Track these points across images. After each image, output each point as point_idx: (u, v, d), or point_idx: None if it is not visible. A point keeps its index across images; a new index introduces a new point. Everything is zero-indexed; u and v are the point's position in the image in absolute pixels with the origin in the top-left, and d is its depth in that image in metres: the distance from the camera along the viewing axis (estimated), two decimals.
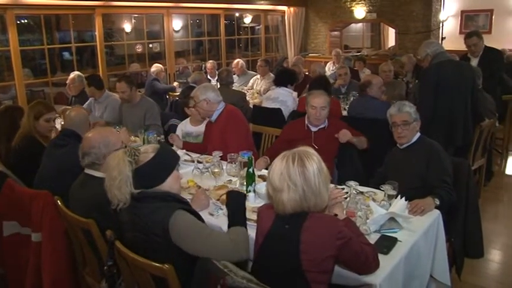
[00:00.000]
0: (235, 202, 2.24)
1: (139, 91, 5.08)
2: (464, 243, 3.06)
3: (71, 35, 7.41)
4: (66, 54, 8.24)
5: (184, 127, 4.43)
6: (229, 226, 2.17)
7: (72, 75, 5.92)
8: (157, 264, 1.94)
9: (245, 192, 2.89)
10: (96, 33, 7.39)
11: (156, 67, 7.56)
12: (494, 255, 3.88)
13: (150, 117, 4.77)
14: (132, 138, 4.16)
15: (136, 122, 4.74)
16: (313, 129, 3.67)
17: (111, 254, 2.26)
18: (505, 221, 4.57)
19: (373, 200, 2.74)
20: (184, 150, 3.84)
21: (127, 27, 8.98)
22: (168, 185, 2.13)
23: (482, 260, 3.36)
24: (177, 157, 2.26)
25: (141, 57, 8.93)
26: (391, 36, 11.75)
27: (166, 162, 2.15)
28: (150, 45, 9.07)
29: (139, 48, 9.02)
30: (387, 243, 2.28)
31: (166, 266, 1.91)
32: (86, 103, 5.38)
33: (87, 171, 2.63)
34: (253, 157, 3.03)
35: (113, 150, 2.49)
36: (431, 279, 2.61)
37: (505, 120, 6.10)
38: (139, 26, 8.88)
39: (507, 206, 5.04)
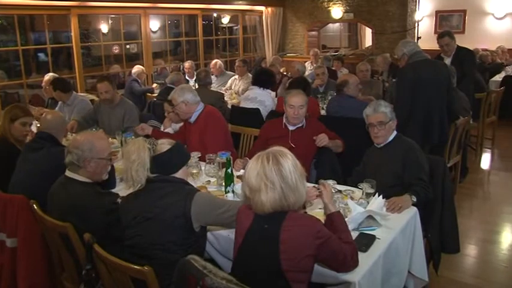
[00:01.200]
0: None
1: (117, 92, 5.01)
2: (441, 239, 3.11)
3: (46, 35, 7.27)
4: (41, 56, 8.10)
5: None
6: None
7: (47, 77, 5.81)
8: (137, 267, 1.93)
9: (224, 192, 2.90)
10: (72, 34, 7.27)
11: (137, 68, 7.50)
12: (470, 250, 3.96)
13: (129, 119, 4.72)
14: (110, 139, 4.11)
15: (114, 124, 4.69)
16: (291, 128, 3.68)
17: (89, 258, 2.24)
18: (480, 216, 4.66)
19: (351, 198, 2.77)
20: None
21: (104, 27, 8.87)
22: (180, 176, 2.34)
23: (458, 255, 3.42)
24: (189, 155, 2.49)
25: (118, 58, 8.83)
26: (368, 36, 11.90)
27: (180, 156, 2.37)
28: (128, 46, 8.99)
29: (116, 49, 8.93)
30: (366, 241, 2.31)
31: (146, 268, 1.90)
32: (57, 107, 5.29)
33: (68, 173, 2.59)
34: (231, 157, 3.03)
35: (97, 158, 2.54)
36: (409, 275, 2.65)
37: (478, 117, 6.24)
38: (116, 27, 8.78)
39: (482, 201, 5.15)
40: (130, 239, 2.27)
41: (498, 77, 8.34)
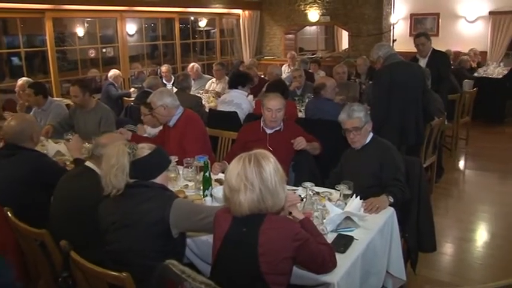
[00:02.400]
0: None
1: (93, 96, 4.94)
2: (418, 238, 3.16)
3: (19, 39, 7.15)
4: (15, 60, 7.92)
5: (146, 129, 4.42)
6: None
7: (20, 81, 5.71)
8: (114, 273, 1.91)
9: (202, 196, 2.89)
10: (47, 37, 7.17)
11: (113, 72, 7.42)
12: (447, 249, 4.03)
13: (105, 123, 4.66)
14: (87, 144, 4.06)
15: (91, 128, 4.62)
16: (269, 131, 3.69)
17: (66, 265, 2.21)
18: (455, 215, 4.75)
19: (329, 200, 2.79)
20: None
21: (79, 31, 8.74)
22: (160, 181, 2.30)
23: (435, 253, 3.47)
24: (169, 159, 2.43)
25: (94, 62, 8.72)
26: (344, 39, 12.01)
27: (160, 160, 2.33)
28: (104, 50, 8.87)
29: (92, 53, 8.81)
30: (344, 242, 2.32)
31: (123, 274, 1.89)
32: (31, 112, 5.18)
33: (88, 164, 2.71)
34: (209, 161, 3.02)
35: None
36: (387, 275, 2.68)
37: (453, 118, 6.36)
38: (92, 30, 8.67)
39: (457, 200, 5.25)
40: (109, 245, 2.24)
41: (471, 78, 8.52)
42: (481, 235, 4.37)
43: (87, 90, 4.71)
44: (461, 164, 6.61)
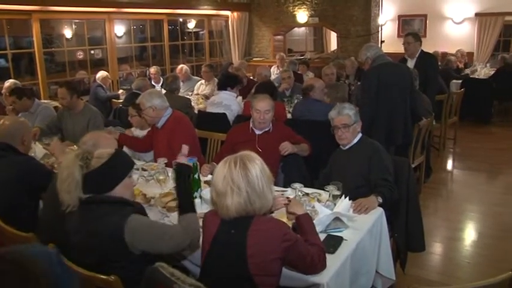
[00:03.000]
0: (182, 183, 2.26)
1: (81, 99, 4.90)
2: (407, 238, 3.18)
3: (6, 41, 7.07)
4: (1, 61, 7.84)
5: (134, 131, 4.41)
6: (180, 210, 2.21)
7: (7, 83, 5.65)
8: (102, 276, 1.90)
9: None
10: (34, 39, 7.10)
11: (101, 74, 7.39)
12: (435, 248, 4.05)
13: (93, 125, 4.63)
14: (75, 147, 4.02)
15: (79, 131, 4.58)
16: (258, 132, 3.69)
17: None
18: (444, 214, 4.78)
19: (318, 200, 2.79)
20: None
21: (67, 33, 8.68)
22: (118, 193, 2.11)
23: (424, 253, 3.49)
24: (131, 164, 2.23)
25: (83, 64, 8.66)
26: (333, 40, 12.07)
27: (117, 170, 2.12)
28: (92, 52, 8.82)
29: (80, 55, 8.74)
30: (333, 243, 2.33)
31: (112, 277, 1.87)
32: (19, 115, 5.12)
33: None
34: (198, 163, 3.01)
35: None
36: (377, 275, 2.69)
37: (440, 118, 6.41)
38: (80, 32, 8.61)
39: (446, 200, 5.28)
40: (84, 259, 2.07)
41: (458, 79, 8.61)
42: (469, 234, 4.40)
43: (74, 92, 4.67)
44: (450, 163, 6.66)
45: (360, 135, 3.17)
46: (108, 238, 1.99)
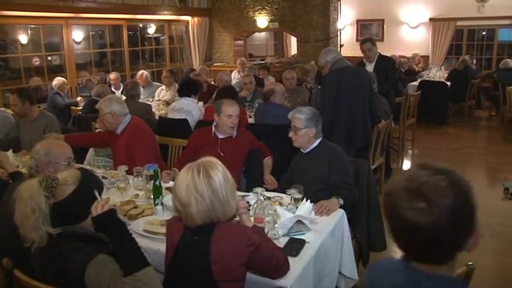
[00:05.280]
0: (117, 233, 1.89)
1: (38, 106, 4.75)
2: (368, 238, 3.23)
3: None
4: None
5: None
6: (125, 272, 1.80)
7: None
8: None
9: (152, 205, 2.84)
10: None
11: (57, 80, 7.14)
12: (396, 247, 4.11)
13: (50, 131, 4.51)
14: (27, 157, 3.89)
15: (36, 138, 4.43)
16: (220, 136, 3.68)
17: (8, 284, 2.10)
18: None
19: (280, 204, 2.80)
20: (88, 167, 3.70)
21: (22, 38, 8.40)
22: (90, 221, 1.89)
23: (385, 252, 3.54)
24: (101, 186, 2.02)
25: (39, 71, 8.39)
26: (293, 44, 12.17)
27: (89, 196, 1.89)
28: (49, 58, 8.57)
29: (37, 61, 8.48)
30: (296, 246, 2.34)
31: None
32: None
33: None
34: (158, 169, 2.98)
35: (55, 162, 2.54)
36: (340, 275, 2.72)
37: (399, 120, 6.57)
38: (36, 38, 8.34)
39: None
40: None
41: (415, 82, 8.87)
42: None
43: (26, 99, 4.51)
44: (409, 164, 6.81)
45: (320, 139, 3.20)
46: (70, 277, 1.79)
